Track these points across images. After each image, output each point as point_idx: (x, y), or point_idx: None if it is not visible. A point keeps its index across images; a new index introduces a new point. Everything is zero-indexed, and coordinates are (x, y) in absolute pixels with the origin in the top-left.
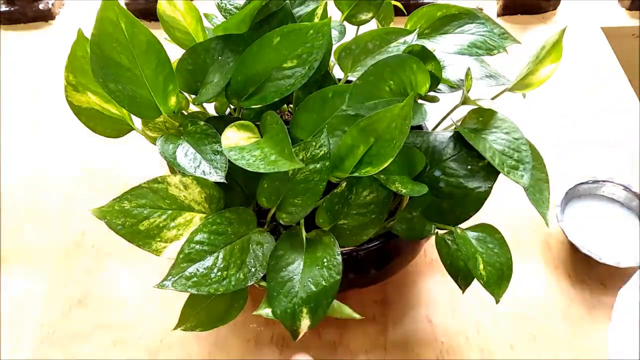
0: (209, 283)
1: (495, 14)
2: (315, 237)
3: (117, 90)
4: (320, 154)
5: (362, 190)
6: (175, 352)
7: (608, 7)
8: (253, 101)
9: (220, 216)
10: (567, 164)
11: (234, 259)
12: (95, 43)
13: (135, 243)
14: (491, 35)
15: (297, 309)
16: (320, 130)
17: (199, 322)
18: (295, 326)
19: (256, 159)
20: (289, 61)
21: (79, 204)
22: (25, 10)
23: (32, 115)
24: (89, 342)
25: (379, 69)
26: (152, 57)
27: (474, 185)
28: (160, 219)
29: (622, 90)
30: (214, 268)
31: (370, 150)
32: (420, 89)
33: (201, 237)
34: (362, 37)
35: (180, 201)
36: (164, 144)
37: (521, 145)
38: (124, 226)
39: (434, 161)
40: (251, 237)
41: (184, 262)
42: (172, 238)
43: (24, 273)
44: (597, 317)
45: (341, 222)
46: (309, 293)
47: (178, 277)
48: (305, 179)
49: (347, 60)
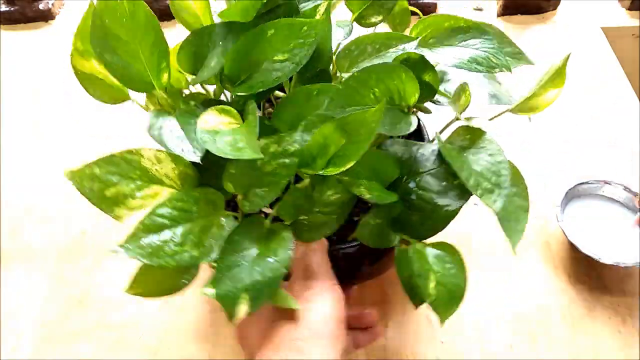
0: (162, 255)
1: (495, 14)
2: (275, 229)
3: (112, 62)
4: (291, 150)
5: (327, 189)
6: (175, 352)
7: (608, 7)
8: (241, 88)
9: (187, 194)
10: (567, 164)
11: (192, 236)
12: (97, 14)
13: (99, 207)
14: (496, 52)
15: (239, 294)
16: (298, 125)
17: (148, 290)
18: (233, 310)
19: (226, 144)
20: (280, 54)
21: (79, 204)
22: (25, 10)
23: (32, 115)
24: (89, 342)
25: (364, 75)
26: (149, 34)
27: (444, 202)
28: (128, 188)
29: (622, 90)
30: (170, 242)
31: (339, 151)
32: (409, 99)
33: (164, 211)
34: (363, 38)
35: (152, 174)
36: (154, 117)
37: (502, 169)
38: (92, 190)
39: (411, 172)
40: (214, 219)
41: (142, 231)
42: (136, 207)
43: (24, 273)
44: (597, 317)
45: (302, 217)
46: (253, 281)
47: (133, 245)
48: (273, 172)
49: (345, 61)
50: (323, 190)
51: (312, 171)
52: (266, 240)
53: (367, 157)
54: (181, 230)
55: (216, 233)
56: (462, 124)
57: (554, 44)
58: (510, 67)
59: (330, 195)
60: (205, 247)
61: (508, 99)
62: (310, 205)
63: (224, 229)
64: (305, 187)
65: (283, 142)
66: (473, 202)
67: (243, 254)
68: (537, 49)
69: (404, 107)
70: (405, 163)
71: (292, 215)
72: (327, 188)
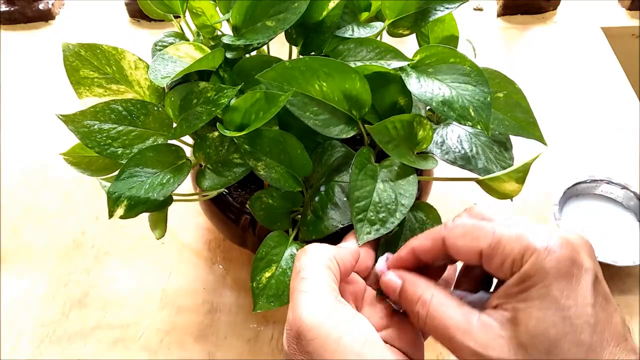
0: (92, 140)
1: (495, 14)
2: (186, 165)
3: None
4: (220, 101)
5: (233, 152)
6: (175, 352)
7: (608, 7)
8: (239, 38)
9: (143, 104)
10: (566, 164)
11: (125, 138)
12: None
13: (69, 78)
14: (481, 105)
15: (123, 199)
16: (251, 88)
17: (77, 163)
18: (113, 209)
19: (169, 71)
20: (269, 21)
21: (79, 204)
22: (25, 10)
23: (32, 115)
24: (89, 342)
25: (314, 64)
26: None
27: (331, 216)
28: (98, 76)
29: (622, 90)
30: (105, 133)
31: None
32: (362, 110)
33: (117, 107)
34: (363, 40)
35: (125, 75)
36: (169, 35)
37: (398, 211)
38: (71, 64)
39: (329, 176)
40: (152, 134)
41: (90, 114)
42: (97, 94)
43: (24, 273)
44: None
45: (212, 165)
46: (144, 197)
47: (77, 120)
48: (199, 112)
49: (341, 52)
50: (229, 151)
51: (222, 128)
52: (175, 170)
53: (287, 144)
54: (121, 129)
55: (145, 145)
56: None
57: (554, 44)
58: (489, 129)
59: (235, 158)
60: (131, 152)
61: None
62: (217, 158)
63: (145, 143)
64: (215, 140)
65: (220, 93)
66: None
67: (147, 170)
68: (537, 49)
69: (354, 115)
70: (331, 164)
71: (204, 158)
72: (234, 150)
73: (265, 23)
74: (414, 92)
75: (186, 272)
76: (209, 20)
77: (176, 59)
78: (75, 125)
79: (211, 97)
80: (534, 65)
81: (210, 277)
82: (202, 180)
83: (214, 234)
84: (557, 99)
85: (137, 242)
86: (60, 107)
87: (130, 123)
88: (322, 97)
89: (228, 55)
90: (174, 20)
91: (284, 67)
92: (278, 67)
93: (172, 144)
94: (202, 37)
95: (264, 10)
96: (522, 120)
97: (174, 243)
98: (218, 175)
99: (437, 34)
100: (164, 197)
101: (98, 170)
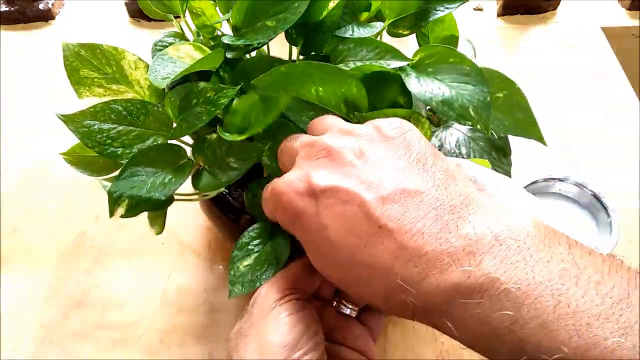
0: (92, 140)
1: (495, 14)
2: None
3: None
4: (220, 101)
5: (231, 154)
6: (175, 352)
7: (608, 7)
8: (239, 38)
9: (143, 104)
10: (565, 163)
11: (125, 138)
12: None
13: (69, 77)
14: (480, 105)
15: (124, 198)
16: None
17: (77, 163)
18: (113, 208)
19: (168, 72)
20: (269, 21)
21: (79, 204)
22: (25, 10)
23: (32, 115)
24: (89, 342)
25: (310, 69)
26: None
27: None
28: (98, 76)
29: (622, 90)
30: (105, 133)
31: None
32: (359, 114)
33: (117, 107)
34: (363, 40)
35: (125, 74)
36: (169, 35)
37: None
38: (71, 64)
39: None
40: (152, 134)
41: (90, 114)
42: (97, 94)
43: (24, 273)
44: None
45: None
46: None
47: (77, 120)
48: (199, 112)
49: (341, 52)
50: (226, 154)
51: (221, 131)
52: (176, 170)
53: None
54: (120, 129)
55: (145, 145)
56: None
57: (554, 44)
58: (489, 128)
59: (231, 161)
60: (131, 152)
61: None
62: (215, 161)
63: (145, 143)
64: (213, 142)
65: (220, 93)
66: None
67: (149, 170)
68: (537, 49)
69: (351, 119)
70: None
71: (202, 159)
72: (230, 154)
73: (265, 23)
74: (414, 92)
75: (186, 272)
76: (209, 20)
77: (176, 59)
78: (75, 125)
79: (211, 97)
80: (534, 65)
81: (210, 278)
82: (197, 181)
83: (215, 234)
84: (556, 99)
85: (137, 242)
86: (60, 107)
87: (130, 123)
88: (319, 101)
89: (228, 56)
90: (174, 20)
91: (279, 72)
92: (273, 72)
93: (173, 144)
94: (202, 37)
95: (264, 10)
96: (521, 120)
97: (174, 243)
98: (213, 177)
99: (437, 34)
100: (166, 196)
101: (98, 170)
